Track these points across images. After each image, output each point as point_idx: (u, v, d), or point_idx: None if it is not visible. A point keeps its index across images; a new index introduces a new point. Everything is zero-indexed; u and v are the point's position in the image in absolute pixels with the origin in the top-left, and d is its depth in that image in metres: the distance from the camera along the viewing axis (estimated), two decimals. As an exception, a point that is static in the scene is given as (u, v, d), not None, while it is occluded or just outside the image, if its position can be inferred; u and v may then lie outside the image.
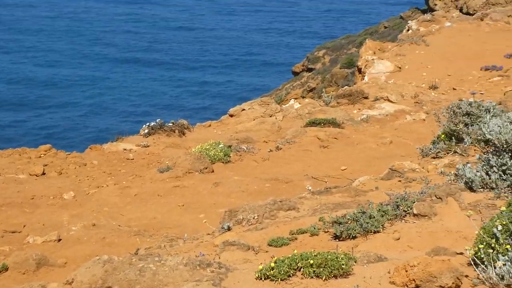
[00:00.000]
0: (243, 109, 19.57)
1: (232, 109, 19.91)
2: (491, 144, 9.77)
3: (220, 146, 15.77)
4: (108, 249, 11.54)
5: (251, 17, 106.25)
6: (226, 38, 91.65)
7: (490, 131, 9.66)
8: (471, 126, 12.84)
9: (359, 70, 25.59)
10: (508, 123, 9.78)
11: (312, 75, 52.35)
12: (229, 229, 9.99)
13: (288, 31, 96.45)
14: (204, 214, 13.00)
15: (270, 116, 18.78)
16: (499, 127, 9.64)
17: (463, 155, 12.63)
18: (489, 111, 13.32)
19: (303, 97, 46.77)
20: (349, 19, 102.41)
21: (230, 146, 16.10)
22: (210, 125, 19.30)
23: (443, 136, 13.39)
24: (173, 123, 18.72)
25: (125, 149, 17.26)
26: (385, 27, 57.56)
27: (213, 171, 15.06)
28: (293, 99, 26.25)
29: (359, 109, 19.91)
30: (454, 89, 21.99)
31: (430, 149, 13.52)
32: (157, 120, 18.77)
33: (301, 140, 16.37)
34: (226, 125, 19.05)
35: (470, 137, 12.16)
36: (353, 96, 20.62)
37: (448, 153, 13.09)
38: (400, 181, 11.36)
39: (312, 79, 51.18)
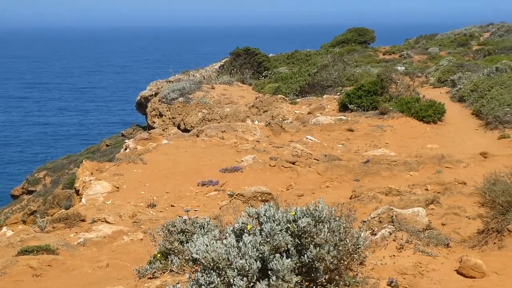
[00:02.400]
0: None
1: None
2: (199, 263, 9.76)
3: None
4: None
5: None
6: None
7: (197, 250, 9.67)
8: (187, 243, 12.86)
9: (77, 192, 24.93)
10: (215, 241, 9.87)
11: (33, 198, 50.60)
12: None
13: (3, 156, 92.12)
14: None
15: (-22, 247, 17.50)
16: (206, 245, 9.68)
17: (180, 273, 12.57)
18: (203, 227, 13.48)
19: (24, 221, 44.85)
20: (69, 140, 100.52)
21: None
22: None
23: (159, 255, 13.28)
24: None
25: None
26: (107, 145, 57.71)
27: None
28: (5, 227, 24.84)
29: (76, 232, 19.21)
30: (172, 206, 22.10)
31: (147, 269, 13.30)
32: None
33: (12, 270, 15.32)
34: None
35: (178, 258, 12.14)
36: (69, 220, 19.92)
37: (164, 272, 12.96)
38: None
39: (33, 202, 49.42)
